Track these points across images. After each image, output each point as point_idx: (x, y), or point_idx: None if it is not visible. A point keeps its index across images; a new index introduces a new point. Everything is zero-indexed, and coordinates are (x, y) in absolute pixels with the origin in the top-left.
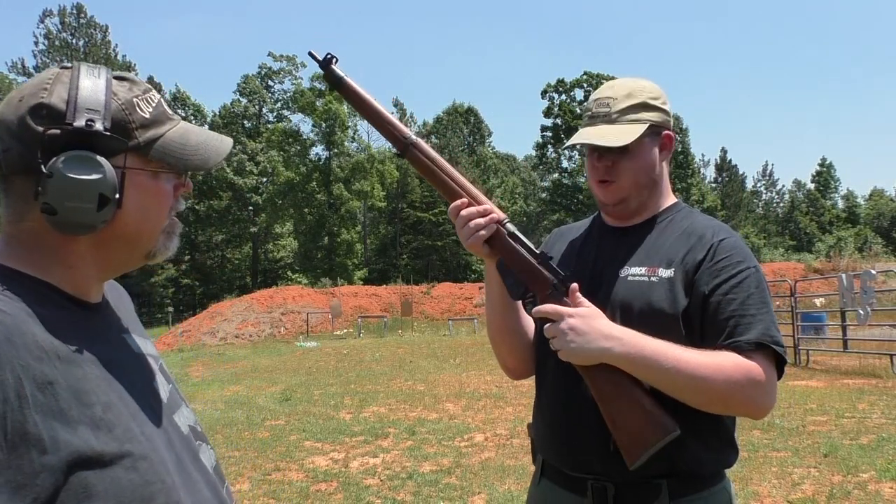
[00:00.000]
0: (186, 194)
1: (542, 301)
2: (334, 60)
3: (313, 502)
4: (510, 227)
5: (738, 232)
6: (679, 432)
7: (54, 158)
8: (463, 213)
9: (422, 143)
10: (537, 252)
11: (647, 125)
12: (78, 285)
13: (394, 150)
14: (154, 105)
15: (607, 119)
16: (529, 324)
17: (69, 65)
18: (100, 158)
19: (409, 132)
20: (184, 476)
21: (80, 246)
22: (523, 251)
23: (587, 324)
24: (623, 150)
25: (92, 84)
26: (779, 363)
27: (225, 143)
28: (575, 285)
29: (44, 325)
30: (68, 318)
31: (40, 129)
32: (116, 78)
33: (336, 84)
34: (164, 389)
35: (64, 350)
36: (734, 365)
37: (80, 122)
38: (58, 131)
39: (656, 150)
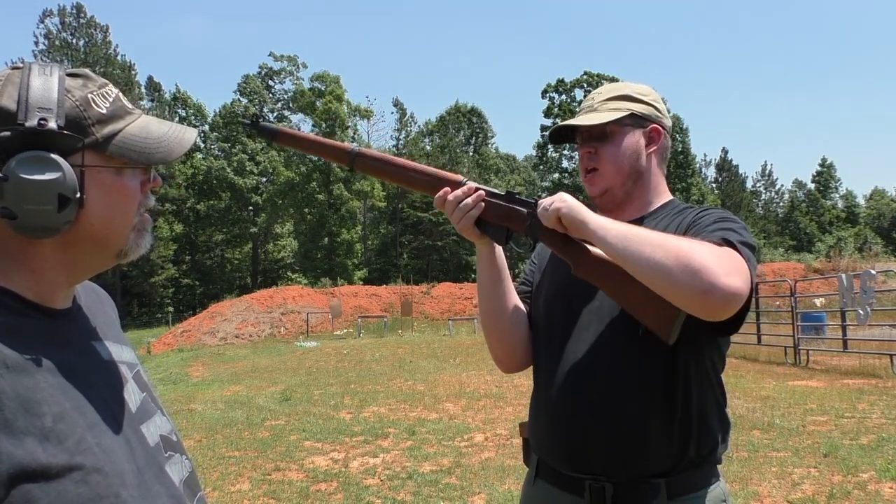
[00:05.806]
0: (157, 189)
1: (522, 234)
2: (261, 119)
3: (313, 502)
4: (473, 184)
5: None
6: None
7: (9, 161)
8: (450, 198)
9: (365, 150)
10: (502, 193)
11: (628, 113)
12: (42, 291)
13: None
14: (111, 100)
15: (590, 109)
16: (522, 315)
17: (20, 65)
18: (56, 157)
19: (351, 145)
20: (143, 490)
21: (44, 249)
22: (492, 199)
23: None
24: (603, 137)
25: (43, 82)
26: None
27: (188, 133)
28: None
29: None
30: (27, 325)
31: None
32: (70, 75)
33: (272, 136)
34: (134, 398)
35: (14, 358)
36: (693, 238)
37: (32, 122)
38: (8, 133)
39: (640, 140)
